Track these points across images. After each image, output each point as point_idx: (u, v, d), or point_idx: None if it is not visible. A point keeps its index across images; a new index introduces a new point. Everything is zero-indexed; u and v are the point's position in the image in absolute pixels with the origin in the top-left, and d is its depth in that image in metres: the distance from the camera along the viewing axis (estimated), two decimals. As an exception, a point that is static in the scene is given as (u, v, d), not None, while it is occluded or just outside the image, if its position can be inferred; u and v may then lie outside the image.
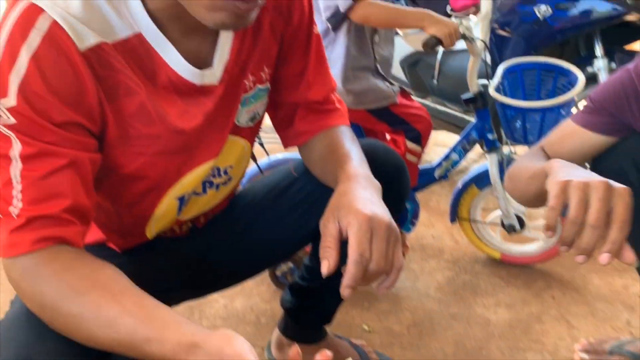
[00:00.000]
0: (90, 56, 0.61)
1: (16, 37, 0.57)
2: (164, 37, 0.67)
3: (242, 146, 0.87)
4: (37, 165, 0.59)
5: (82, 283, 0.58)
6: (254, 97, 0.82)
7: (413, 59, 2.22)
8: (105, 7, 0.63)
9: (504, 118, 1.36)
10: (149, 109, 0.68)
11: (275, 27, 0.80)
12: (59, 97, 0.59)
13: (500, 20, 1.85)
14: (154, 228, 0.83)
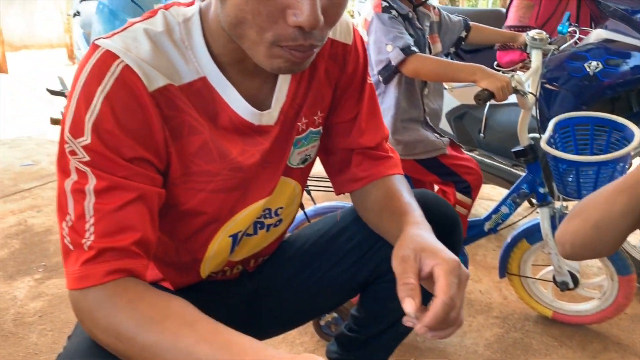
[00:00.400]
0: (158, 97, 0.66)
1: (92, 81, 0.63)
2: (226, 81, 0.71)
3: (293, 187, 0.89)
4: (109, 199, 0.62)
5: (157, 312, 0.59)
6: (306, 139, 0.85)
7: (459, 111, 2.23)
8: (172, 52, 0.68)
9: (556, 172, 1.34)
10: (210, 147, 0.72)
11: (330, 74, 0.84)
12: (129, 134, 0.63)
13: (549, 76, 1.85)
14: (208, 266, 0.85)
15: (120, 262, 0.62)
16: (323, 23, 0.60)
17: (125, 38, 0.65)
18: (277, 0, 0.58)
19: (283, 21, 0.59)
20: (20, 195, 2.72)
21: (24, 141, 3.91)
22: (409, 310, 0.63)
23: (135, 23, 0.68)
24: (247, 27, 0.61)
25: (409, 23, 1.34)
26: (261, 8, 0.58)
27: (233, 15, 0.61)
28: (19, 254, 2.06)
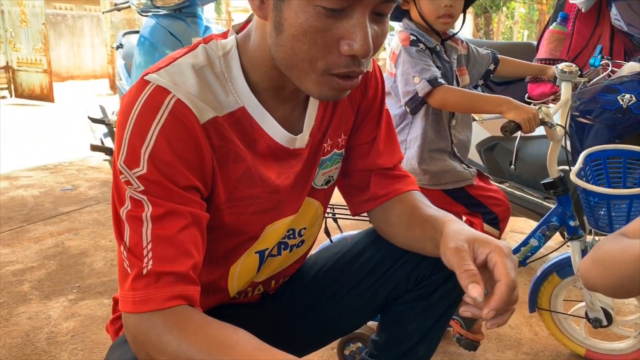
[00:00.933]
0: (208, 128, 0.70)
1: (146, 115, 0.66)
2: (263, 109, 0.75)
3: (316, 208, 0.92)
4: (166, 224, 0.65)
5: (227, 338, 0.61)
6: (330, 160, 0.89)
7: (489, 143, 2.23)
8: (214, 84, 0.72)
9: (587, 205, 1.32)
10: (252, 173, 0.76)
11: (353, 100, 0.88)
12: (183, 163, 0.67)
13: (581, 108, 1.84)
14: (236, 284, 0.87)
15: (180, 288, 0.64)
16: (372, 52, 0.65)
17: (171, 73, 0.69)
18: (333, 32, 0.64)
19: (336, 50, 0.65)
20: (59, 219, 2.82)
21: (65, 167, 4.07)
22: (475, 295, 0.65)
23: (179, 57, 0.73)
24: (301, 58, 0.66)
25: (437, 56, 1.36)
26: (318, 39, 0.64)
27: (289, 46, 0.65)
28: (55, 274, 2.13)
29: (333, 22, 0.63)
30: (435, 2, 1.31)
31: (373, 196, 0.93)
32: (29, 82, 8.82)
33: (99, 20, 12.73)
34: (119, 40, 3.17)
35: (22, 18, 8.70)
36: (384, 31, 0.69)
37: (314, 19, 0.63)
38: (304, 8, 0.63)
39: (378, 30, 0.67)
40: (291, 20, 0.64)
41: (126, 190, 0.66)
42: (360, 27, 0.63)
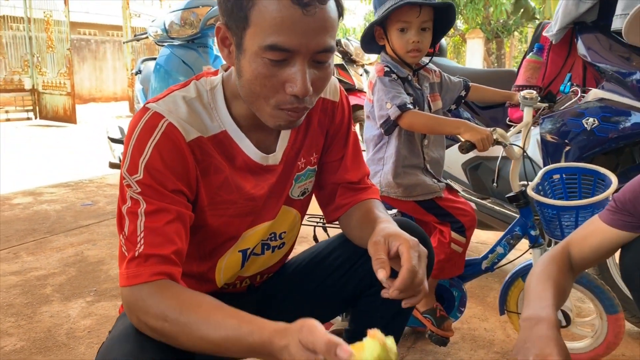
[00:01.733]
0: (193, 146, 0.89)
1: (145, 134, 0.86)
2: (241, 133, 0.95)
3: (294, 215, 1.11)
4: (155, 219, 0.84)
5: (195, 300, 0.79)
6: (304, 176, 1.08)
7: (474, 163, 2.40)
8: (202, 112, 0.92)
9: (542, 216, 1.49)
10: (230, 183, 0.95)
11: (322, 124, 1.08)
12: (171, 172, 0.86)
13: (552, 130, 2.01)
14: (223, 277, 1.06)
15: (163, 267, 0.82)
16: (312, 92, 0.84)
17: (167, 102, 0.90)
18: (278, 77, 0.82)
19: (283, 91, 0.83)
20: (79, 231, 3.05)
21: (85, 184, 4.33)
22: (381, 277, 0.83)
23: (174, 91, 0.93)
24: (256, 96, 0.85)
25: (408, 84, 1.56)
26: (267, 83, 0.83)
27: (247, 87, 0.85)
28: (74, 279, 2.33)
29: (278, 70, 0.81)
30: (404, 38, 1.50)
31: (338, 205, 1.12)
32: (53, 104, 9.22)
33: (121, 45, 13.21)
34: (138, 67, 3.44)
35: (48, 44, 9.14)
36: (325, 75, 0.86)
37: (262, 68, 0.81)
38: (255, 59, 0.81)
39: (319, 74, 0.85)
40: (246, 68, 0.83)
41: (127, 191, 0.85)
42: (300, 73, 0.81)
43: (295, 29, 0.78)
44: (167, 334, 0.78)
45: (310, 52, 0.81)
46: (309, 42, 0.80)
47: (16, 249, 2.72)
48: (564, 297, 1.02)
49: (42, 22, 9.14)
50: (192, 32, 2.56)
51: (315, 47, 0.81)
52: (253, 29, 0.80)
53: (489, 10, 13.64)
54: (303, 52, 0.81)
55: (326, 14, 0.81)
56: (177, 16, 2.57)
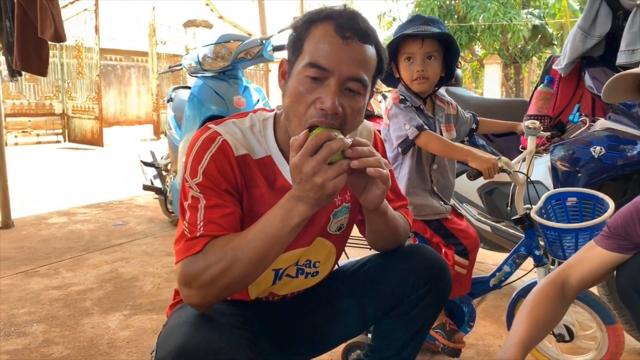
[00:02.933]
0: (240, 160, 1.06)
1: (204, 147, 1.04)
2: (283, 159, 1.10)
3: (329, 248, 1.23)
4: (213, 211, 1.00)
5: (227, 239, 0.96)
6: (341, 212, 1.20)
7: (489, 187, 2.52)
8: (251, 137, 1.09)
9: (545, 238, 1.61)
10: (265, 199, 1.09)
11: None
12: (224, 177, 1.03)
13: (563, 158, 2.13)
14: (255, 290, 1.19)
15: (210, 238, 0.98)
16: (341, 113, 0.97)
17: (225, 126, 1.08)
18: (312, 94, 0.97)
19: (314, 107, 0.97)
20: (112, 249, 3.22)
21: (116, 205, 4.53)
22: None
23: (232, 119, 1.11)
24: (293, 113, 1.00)
25: (420, 112, 1.71)
26: (302, 99, 0.98)
27: (287, 105, 1.01)
28: (111, 294, 2.49)
29: (314, 87, 0.96)
30: (410, 68, 1.66)
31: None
32: (81, 128, 9.57)
33: (145, 70, 13.65)
34: (170, 95, 3.65)
35: (79, 70, 9.54)
36: (355, 104, 0.99)
37: (301, 84, 0.96)
38: (297, 77, 0.98)
39: (349, 101, 0.98)
40: (290, 87, 1.00)
41: (189, 192, 1.02)
42: (330, 91, 0.94)
43: (333, 53, 0.96)
44: (221, 274, 0.92)
45: (343, 77, 0.96)
46: (343, 67, 0.96)
47: (56, 266, 2.89)
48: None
49: (74, 49, 9.56)
50: (224, 64, 2.76)
51: (348, 73, 0.96)
52: (303, 55, 0.99)
53: (506, 37, 13.83)
54: (337, 75, 0.95)
55: (362, 50, 0.98)
56: (210, 50, 2.77)
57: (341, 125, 0.99)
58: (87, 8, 9.02)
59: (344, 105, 0.97)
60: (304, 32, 1.00)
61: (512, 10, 12.54)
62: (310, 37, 0.98)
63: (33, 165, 6.90)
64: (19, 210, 4.17)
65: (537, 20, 13.10)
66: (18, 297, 2.43)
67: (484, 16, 12.62)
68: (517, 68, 16.12)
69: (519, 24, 12.47)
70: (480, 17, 12.68)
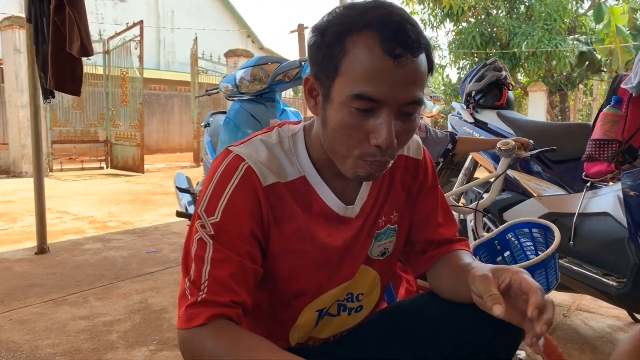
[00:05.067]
0: (268, 191, 0.89)
1: (225, 176, 0.88)
2: (320, 179, 0.94)
3: (373, 277, 1.06)
4: (221, 267, 0.84)
5: (250, 342, 0.79)
6: (384, 234, 1.04)
7: (548, 219, 2.28)
8: (281, 156, 0.93)
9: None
10: (303, 230, 0.93)
11: (404, 182, 1.05)
12: (247, 215, 0.87)
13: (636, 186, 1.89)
14: (296, 336, 1.03)
15: (220, 309, 0.82)
16: (396, 144, 0.83)
17: (249, 146, 0.92)
18: (363, 127, 0.82)
19: (367, 142, 0.83)
20: (144, 277, 3.11)
21: (151, 231, 4.46)
22: (498, 313, 0.77)
23: (257, 135, 0.95)
24: (340, 146, 0.85)
25: None
26: (352, 132, 0.83)
27: (331, 137, 0.86)
28: (138, 327, 2.36)
29: (363, 120, 0.81)
30: None
31: (427, 258, 1.08)
32: (123, 155, 9.74)
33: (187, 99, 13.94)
34: (207, 120, 3.58)
35: (122, 98, 9.78)
36: (410, 127, 0.85)
37: (348, 117, 0.81)
38: (341, 108, 0.82)
39: (404, 126, 0.84)
40: (332, 117, 0.84)
41: (197, 232, 0.86)
42: (385, 125, 0.80)
43: (385, 80, 0.79)
44: None
45: (398, 104, 0.81)
46: (398, 93, 0.80)
47: (85, 294, 2.80)
48: None
49: (119, 78, 9.82)
50: (261, 87, 2.65)
51: (404, 99, 0.81)
52: (342, 78, 0.81)
53: (551, 63, 13.46)
54: (391, 104, 0.80)
55: (417, 67, 0.81)
56: (247, 72, 2.67)
57: (394, 151, 0.85)
58: (133, 38, 9.27)
59: (399, 132, 0.83)
60: (338, 48, 0.80)
61: (557, 36, 12.20)
62: (349, 55, 0.79)
63: (75, 191, 6.99)
64: (55, 235, 4.15)
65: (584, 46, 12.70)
66: (44, 327, 2.33)
67: (528, 42, 12.32)
68: (562, 96, 15.64)
69: (565, 50, 12.11)
70: (524, 44, 12.39)
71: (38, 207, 3.69)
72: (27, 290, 2.83)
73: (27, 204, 5.53)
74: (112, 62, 10.03)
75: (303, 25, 15.16)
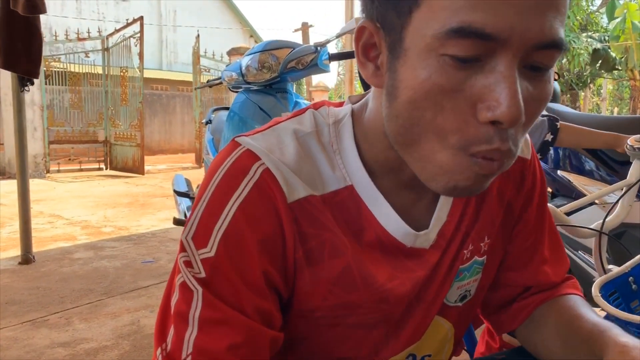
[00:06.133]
0: (296, 210, 0.54)
1: (228, 183, 0.53)
2: (377, 191, 0.59)
3: (446, 331, 0.70)
4: (213, 336, 0.50)
5: None
6: (468, 271, 0.68)
7: (616, 231, 1.92)
8: (319, 156, 0.58)
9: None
10: (354, 273, 0.58)
11: (503, 192, 0.68)
12: (260, 249, 0.52)
13: None
14: None
15: None
16: (524, 120, 0.46)
17: (269, 137, 0.57)
18: (466, 91, 0.45)
19: (473, 118, 0.46)
20: (137, 293, 2.76)
21: (148, 238, 4.10)
22: None
23: (282, 121, 0.59)
24: (424, 130, 0.48)
25: None
26: (446, 102, 0.46)
27: (406, 116, 0.49)
28: (127, 356, 2.00)
29: (466, 78, 0.46)
30: None
31: (519, 308, 0.72)
32: (123, 155, 9.42)
33: (190, 99, 13.64)
34: (209, 116, 3.22)
35: (122, 97, 9.45)
36: (543, 95, 0.49)
37: (439, 74, 0.46)
38: (425, 62, 0.46)
39: (535, 92, 0.48)
40: (408, 81, 0.48)
41: (182, 274, 0.52)
42: (506, 81, 0.44)
43: (503, 1, 0.43)
44: None
45: (525, 45, 0.45)
46: (527, 24, 0.44)
47: (69, 313, 2.45)
48: None
49: (118, 77, 9.49)
50: (271, 75, 2.29)
51: (538, 35, 0.45)
52: (427, 8, 0.46)
53: (561, 62, 13.07)
54: (514, 44, 0.44)
55: None
56: (254, 59, 2.31)
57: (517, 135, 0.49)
58: (133, 35, 8.94)
59: (526, 99, 0.46)
60: None
61: (571, 33, 11.82)
62: None
63: (70, 193, 6.64)
64: (44, 242, 3.81)
65: (598, 43, 12.31)
66: (16, 356, 1.97)
67: (541, 40, 11.99)
68: (573, 95, 15.24)
69: (579, 47, 11.72)
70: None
71: (22, 212, 3.35)
72: (4, 309, 2.49)
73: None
74: (112, 60, 9.70)
75: (307, 23, 14.81)
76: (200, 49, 10.23)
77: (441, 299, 0.66)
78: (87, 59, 9.57)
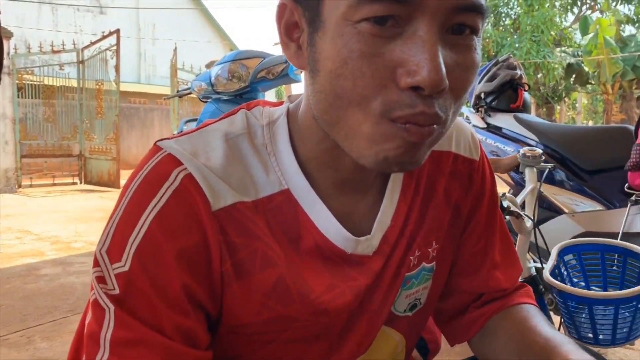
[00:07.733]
0: (222, 218, 0.50)
1: (145, 191, 0.50)
2: (314, 194, 0.55)
3: (397, 343, 0.67)
4: (127, 358, 0.46)
5: None
6: (417, 278, 0.64)
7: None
8: (252, 160, 0.54)
9: (564, 310, 1.09)
10: (288, 284, 0.54)
11: (450, 194, 0.66)
12: (179, 262, 0.48)
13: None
14: None
15: None
16: (447, 87, 0.44)
17: (195, 140, 0.53)
18: (385, 56, 0.43)
19: (394, 84, 0.44)
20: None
21: (119, 253, 4.01)
22: None
23: (211, 124, 0.55)
24: (346, 102, 0.46)
25: None
26: (364, 68, 0.44)
27: (329, 88, 0.46)
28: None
29: (384, 44, 0.44)
30: None
31: (472, 319, 0.70)
32: (98, 169, 9.27)
33: (168, 112, 13.53)
34: (181, 127, 3.18)
35: (97, 110, 9.32)
36: (469, 62, 0.47)
37: (356, 41, 0.44)
38: (342, 30, 0.44)
39: (459, 58, 0.46)
40: (327, 52, 0.46)
41: (95, 290, 0.49)
42: (426, 44, 0.43)
43: None
44: None
45: (442, 8, 0.43)
46: None
47: (31, 332, 2.35)
48: None
49: (94, 90, 9.37)
50: (240, 85, 2.27)
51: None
52: None
53: (537, 76, 13.34)
54: (431, 7, 0.43)
55: None
56: (224, 69, 2.28)
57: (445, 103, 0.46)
58: (109, 47, 8.85)
59: (450, 67, 0.45)
60: None
61: (545, 48, 12.10)
62: None
63: (42, 208, 6.48)
64: (10, 259, 3.68)
65: (571, 58, 12.61)
66: (-30, 379, 1.88)
67: (516, 54, 12.23)
68: (549, 109, 15.55)
69: (554, 62, 11.99)
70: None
71: (-14, 227, 3.23)
72: (-39, 328, 2.38)
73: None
74: (87, 73, 9.57)
75: (287, 37, 14.90)
76: (179, 62, 10.17)
77: (387, 309, 0.62)
78: (62, 72, 9.42)
